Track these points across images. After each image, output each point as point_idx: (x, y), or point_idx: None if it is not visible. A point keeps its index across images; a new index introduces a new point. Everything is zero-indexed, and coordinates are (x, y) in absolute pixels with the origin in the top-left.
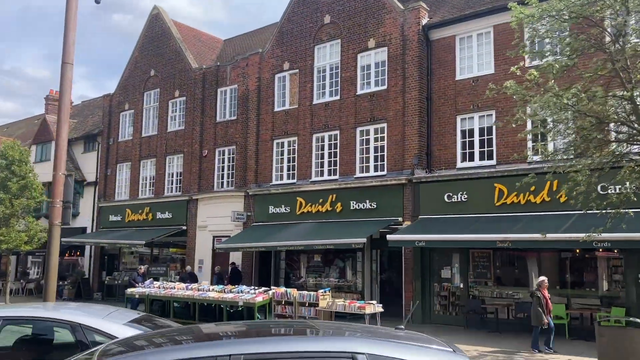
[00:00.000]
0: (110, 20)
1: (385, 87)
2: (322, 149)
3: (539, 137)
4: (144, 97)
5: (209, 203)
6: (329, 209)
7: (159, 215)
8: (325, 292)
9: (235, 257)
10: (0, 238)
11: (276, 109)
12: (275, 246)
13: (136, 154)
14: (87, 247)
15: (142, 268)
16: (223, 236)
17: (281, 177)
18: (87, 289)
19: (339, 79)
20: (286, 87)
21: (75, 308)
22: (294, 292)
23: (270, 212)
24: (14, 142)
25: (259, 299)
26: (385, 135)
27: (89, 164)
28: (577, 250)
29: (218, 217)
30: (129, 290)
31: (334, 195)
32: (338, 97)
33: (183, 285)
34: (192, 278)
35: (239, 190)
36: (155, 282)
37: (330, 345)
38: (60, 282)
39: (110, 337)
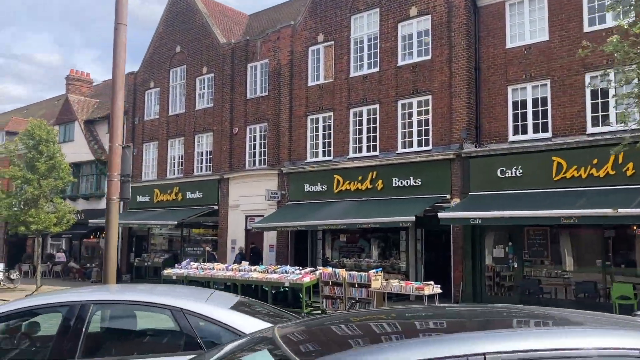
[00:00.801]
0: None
1: (429, 57)
2: (360, 124)
3: (599, 107)
4: (170, 75)
5: (241, 182)
6: (369, 186)
7: (188, 195)
8: (377, 272)
9: (270, 237)
10: (29, 219)
11: (310, 83)
12: (315, 225)
13: (163, 133)
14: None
15: (210, 247)
16: (256, 216)
17: (316, 155)
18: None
19: (378, 50)
20: (320, 60)
21: (169, 290)
22: (342, 273)
23: (305, 190)
24: (41, 122)
25: (307, 279)
26: (429, 108)
27: None
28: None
29: (251, 196)
30: (166, 272)
31: (374, 172)
32: (377, 69)
33: (222, 266)
34: (211, 259)
35: (272, 168)
36: (192, 263)
37: (614, 341)
38: (88, 264)
39: (216, 323)
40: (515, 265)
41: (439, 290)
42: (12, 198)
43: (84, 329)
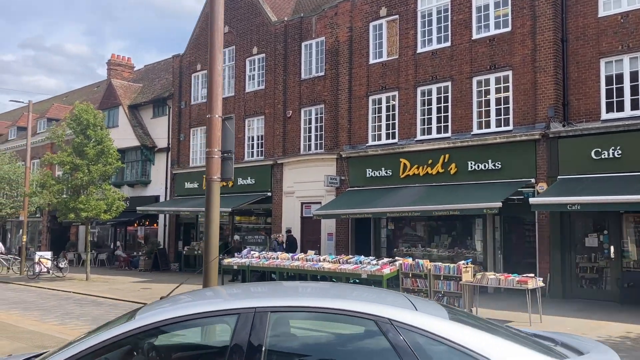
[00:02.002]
0: None
1: (508, 29)
2: (430, 104)
3: None
4: None
5: (296, 167)
6: (441, 170)
7: (240, 181)
8: (467, 263)
9: (328, 226)
10: (79, 206)
11: (371, 61)
12: (384, 212)
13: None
14: (161, 217)
15: (281, 236)
16: (312, 202)
17: (379, 137)
18: (164, 260)
19: (449, 22)
20: (383, 36)
21: (363, 293)
22: (427, 264)
23: (367, 175)
24: (87, 105)
25: (387, 270)
26: (509, 84)
27: (159, 130)
28: None
29: (306, 182)
30: (227, 261)
31: (446, 155)
32: (448, 44)
33: (287, 255)
34: (277, 248)
35: (330, 152)
36: (253, 252)
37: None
38: (135, 253)
39: (445, 342)
40: (613, 256)
41: (542, 284)
42: (61, 185)
43: (263, 346)
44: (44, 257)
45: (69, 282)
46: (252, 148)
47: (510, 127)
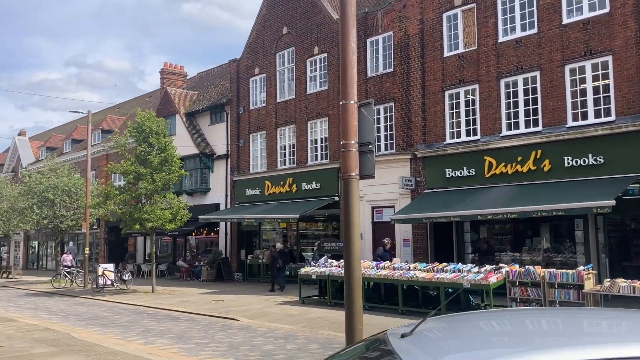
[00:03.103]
0: (180, 10)
1: (606, 10)
2: (515, 96)
3: None
4: (277, 59)
5: None
6: (532, 167)
7: (304, 186)
8: (588, 269)
9: (403, 231)
10: (144, 216)
11: (446, 54)
12: (474, 215)
13: (271, 121)
14: (222, 225)
15: (388, 241)
16: (384, 206)
17: (458, 135)
18: (227, 270)
19: (535, 8)
20: (459, 26)
21: None
22: (539, 270)
23: (447, 175)
24: (150, 113)
25: (493, 279)
26: (609, 71)
27: (217, 136)
28: None
29: (377, 185)
30: (304, 270)
31: (539, 151)
32: (535, 31)
33: (370, 264)
34: (282, 257)
35: (403, 152)
36: (331, 261)
37: None
38: (197, 263)
39: None
40: None
41: None
42: (125, 195)
43: None
44: (108, 270)
45: (135, 295)
46: (316, 151)
47: (613, 118)
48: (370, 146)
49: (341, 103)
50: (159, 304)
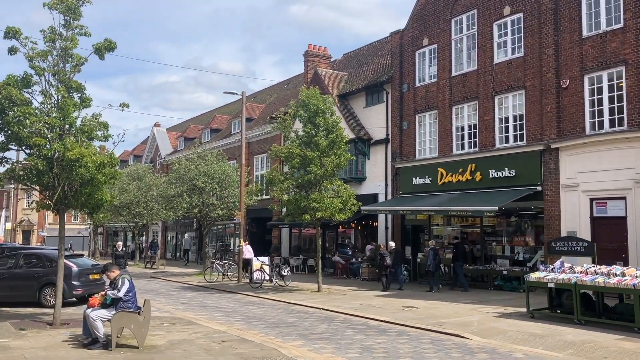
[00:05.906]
0: (288, 13)
1: None
2: None
3: None
4: (452, 25)
5: (580, 152)
6: None
7: (491, 173)
8: None
9: None
10: (314, 205)
11: None
12: None
13: (444, 99)
14: (381, 218)
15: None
16: (610, 198)
17: None
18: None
19: None
20: None
21: None
22: None
23: None
24: (315, 90)
25: None
26: None
27: (374, 119)
28: None
29: (599, 172)
30: (534, 276)
31: None
32: None
33: (635, 270)
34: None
35: (638, 129)
36: (575, 266)
37: None
38: (354, 259)
39: None
40: None
41: None
42: (290, 181)
43: None
44: (265, 264)
45: (301, 295)
46: (507, 132)
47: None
48: None
49: None
50: (340, 308)
